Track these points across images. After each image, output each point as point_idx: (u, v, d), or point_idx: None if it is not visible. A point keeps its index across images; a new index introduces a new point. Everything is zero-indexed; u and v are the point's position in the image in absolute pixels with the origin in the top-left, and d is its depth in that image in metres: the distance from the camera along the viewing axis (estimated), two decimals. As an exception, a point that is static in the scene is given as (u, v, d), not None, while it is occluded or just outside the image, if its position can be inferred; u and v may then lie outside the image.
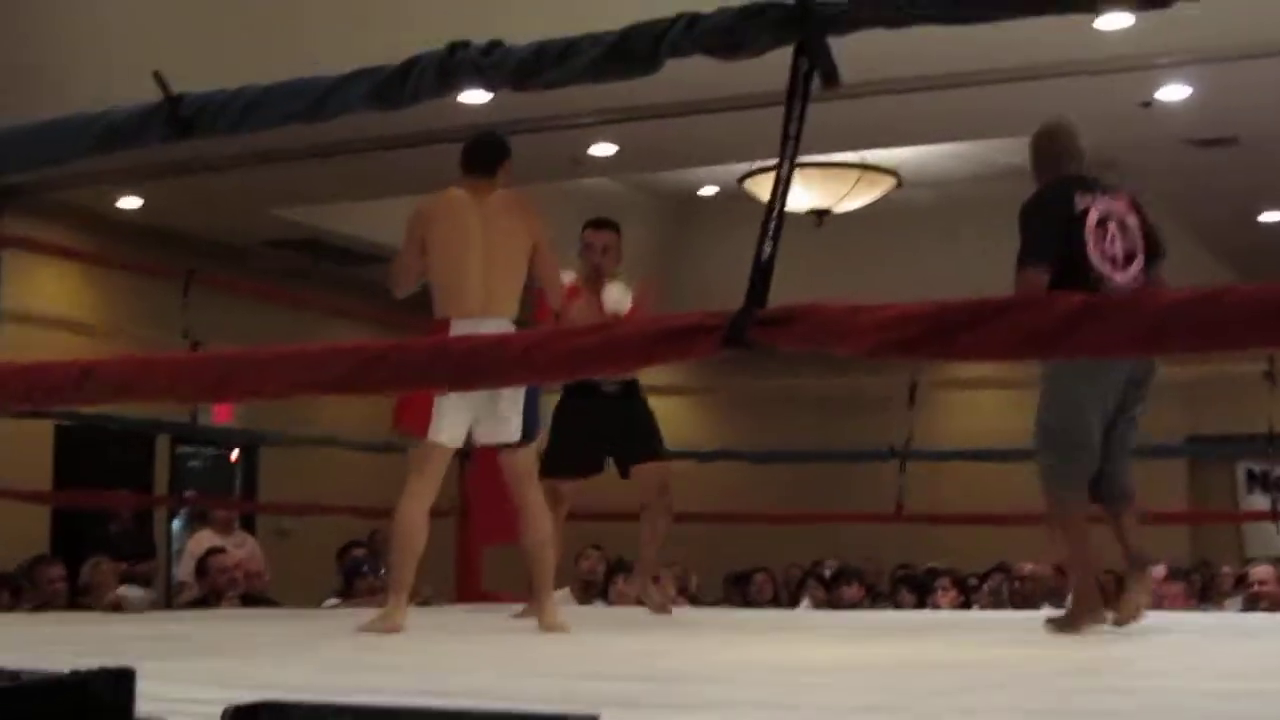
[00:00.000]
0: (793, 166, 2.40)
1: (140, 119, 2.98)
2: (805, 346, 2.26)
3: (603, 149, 11.74)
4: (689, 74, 9.18)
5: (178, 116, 2.92)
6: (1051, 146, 6.49)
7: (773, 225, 2.36)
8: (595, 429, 7.83)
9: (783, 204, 2.37)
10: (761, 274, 2.32)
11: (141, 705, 1.77)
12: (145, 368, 2.94)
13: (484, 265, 6.29)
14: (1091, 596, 6.13)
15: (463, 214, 6.45)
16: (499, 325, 6.05)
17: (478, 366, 2.50)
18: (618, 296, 7.64)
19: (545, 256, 6.43)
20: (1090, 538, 6.17)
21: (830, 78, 2.28)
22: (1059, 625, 6.05)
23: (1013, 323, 2.09)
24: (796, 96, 2.38)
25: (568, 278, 7.16)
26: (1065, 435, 6.08)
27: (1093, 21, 8.50)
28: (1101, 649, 5.47)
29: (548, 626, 6.18)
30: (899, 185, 14.05)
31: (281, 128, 3.25)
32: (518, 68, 2.76)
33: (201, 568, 9.98)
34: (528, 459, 6.41)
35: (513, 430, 6.21)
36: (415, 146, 10.91)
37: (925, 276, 13.60)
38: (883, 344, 2.19)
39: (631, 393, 7.99)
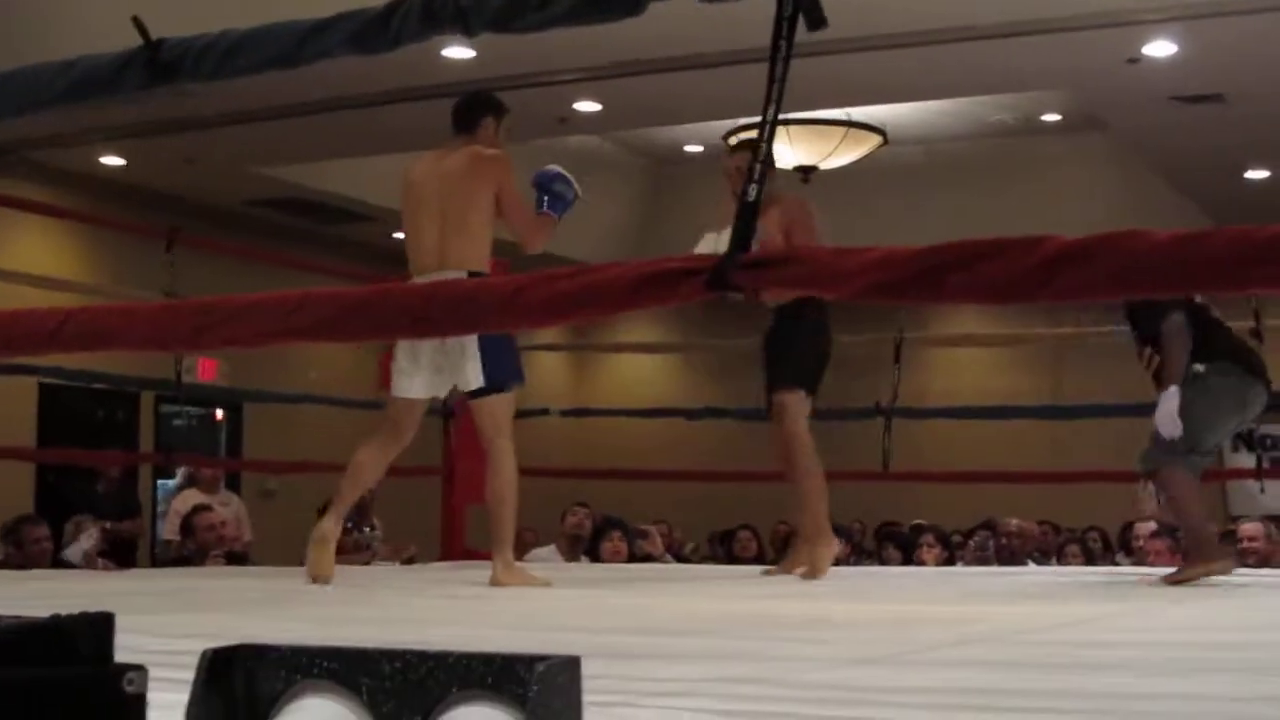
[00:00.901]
0: (778, 110, 2.37)
1: (119, 65, 2.95)
2: (791, 289, 2.24)
3: (587, 106, 11.71)
4: (674, 30, 9.19)
5: (157, 62, 2.88)
6: None
7: (758, 170, 2.33)
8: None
9: (769, 148, 2.34)
10: (746, 217, 2.30)
11: (121, 656, 1.75)
12: (122, 316, 2.92)
13: (438, 222, 6.40)
14: (1210, 547, 6.44)
15: (421, 174, 6.61)
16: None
17: (458, 313, 2.48)
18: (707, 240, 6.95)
19: (507, 202, 6.45)
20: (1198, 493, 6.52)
21: (815, 20, 2.25)
22: (1180, 578, 6.28)
23: (999, 265, 2.08)
24: (781, 39, 2.35)
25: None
26: (1193, 448, 6.38)
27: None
28: (1083, 605, 5.47)
29: (494, 582, 6.11)
30: (885, 142, 14.01)
31: (266, 86, 3.23)
32: (499, 11, 2.72)
33: (186, 525, 9.95)
34: (492, 409, 6.31)
35: (469, 379, 6.18)
36: (399, 103, 10.86)
37: (912, 234, 13.47)
38: (870, 287, 2.17)
39: (782, 316, 7.10)
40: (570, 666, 1.59)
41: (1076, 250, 2.02)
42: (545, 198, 6.59)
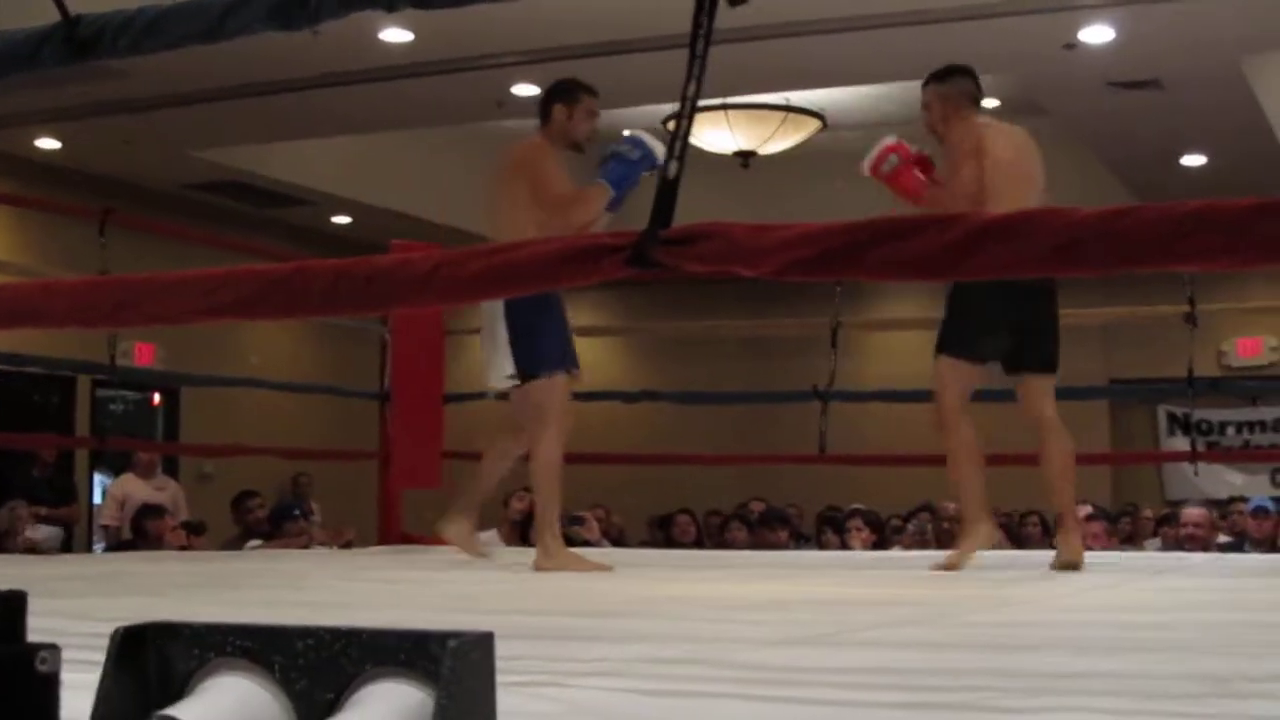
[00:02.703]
0: (699, 85, 2.35)
1: (35, 41, 2.91)
2: (711, 267, 2.23)
3: (525, 90, 11.66)
4: (613, 13, 9.15)
5: (74, 38, 2.85)
6: None
7: (678, 145, 2.32)
8: None
9: (689, 123, 2.33)
10: (666, 194, 2.29)
11: (39, 638, 1.73)
12: (43, 292, 2.89)
13: (486, 221, 6.43)
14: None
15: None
16: None
17: (379, 290, 2.45)
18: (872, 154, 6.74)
19: (534, 185, 6.29)
20: None
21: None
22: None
23: (919, 241, 2.07)
24: (704, 11, 2.33)
25: None
26: None
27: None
28: (1019, 587, 5.49)
29: (536, 566, 6.10)
30: (824, 127, 14.01)
31: (203, 68, 3.19)
32: (423, -17, 2.70)
33: (139, 528, 9.97)
34: (531, 397, 6.24)
35: (497, 374, 6.15)
36: (336, 86, 10.82)
37: (852, 218, 13.58)
38: (790, 263, 2.17)
39: None
40: (483, 643, 1.58)
41: (997, 226, 2.01)
42: (605, 165, 6.39)
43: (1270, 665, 2.76)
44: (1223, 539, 11.31)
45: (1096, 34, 10.19)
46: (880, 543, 11.07)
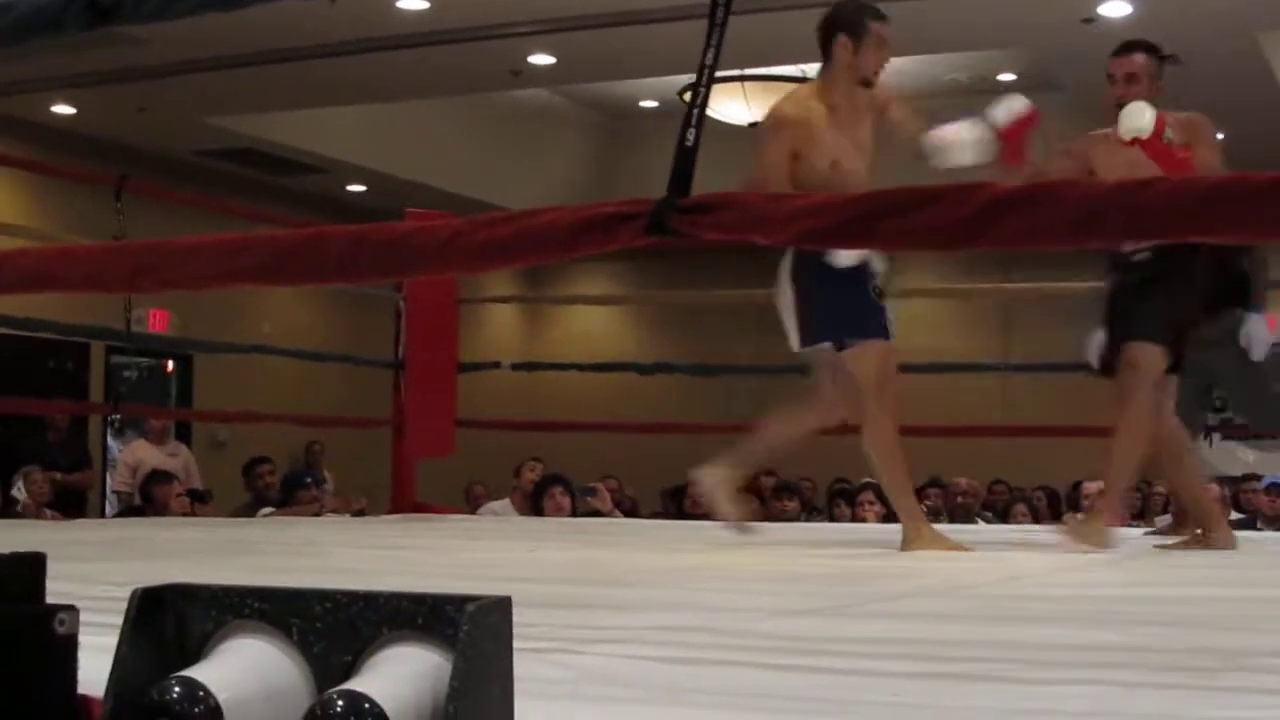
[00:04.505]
0: (719, 53, 2.35)
1: (57, 7, 2.91)
2: (729, 235, 2.23)
3: (541, 59, 11.66)
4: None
5: (97, 4, 2.84)
6: None
7: (695, 113, 2.32)
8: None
9: (708, 91, 2.33)
10: (684, 162, 2.29)
11: (56, 600, 1.74)
12: (61, 257, 2.89)
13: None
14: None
15: None
16: None
17: (398, 257, 2.46)
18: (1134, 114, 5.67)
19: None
20: None
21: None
22: None
23: (934, 212, 2.07)
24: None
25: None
26: None
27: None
28: (1030, 560, 5.50)
29: (904, 545, 5.51)
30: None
31: (218, 35, 3.18)
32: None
33: (146, 494, 10.00)
34: (854, 365, 5.51)
35: (794, 341, 5.54)
36: (351, 55, 10.81)
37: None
38: (806, 231, 2.17)
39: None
40: (501, 607, 1.59)
41: (1015, 197, 2.01)
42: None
43: (1276, 640, 2.77)
44: (1235, 516, 11.30)
45: (1115, 8, 10.17)
46: (892, 516, 11.07)
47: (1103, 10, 10.19)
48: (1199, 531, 6.07)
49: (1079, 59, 11.37)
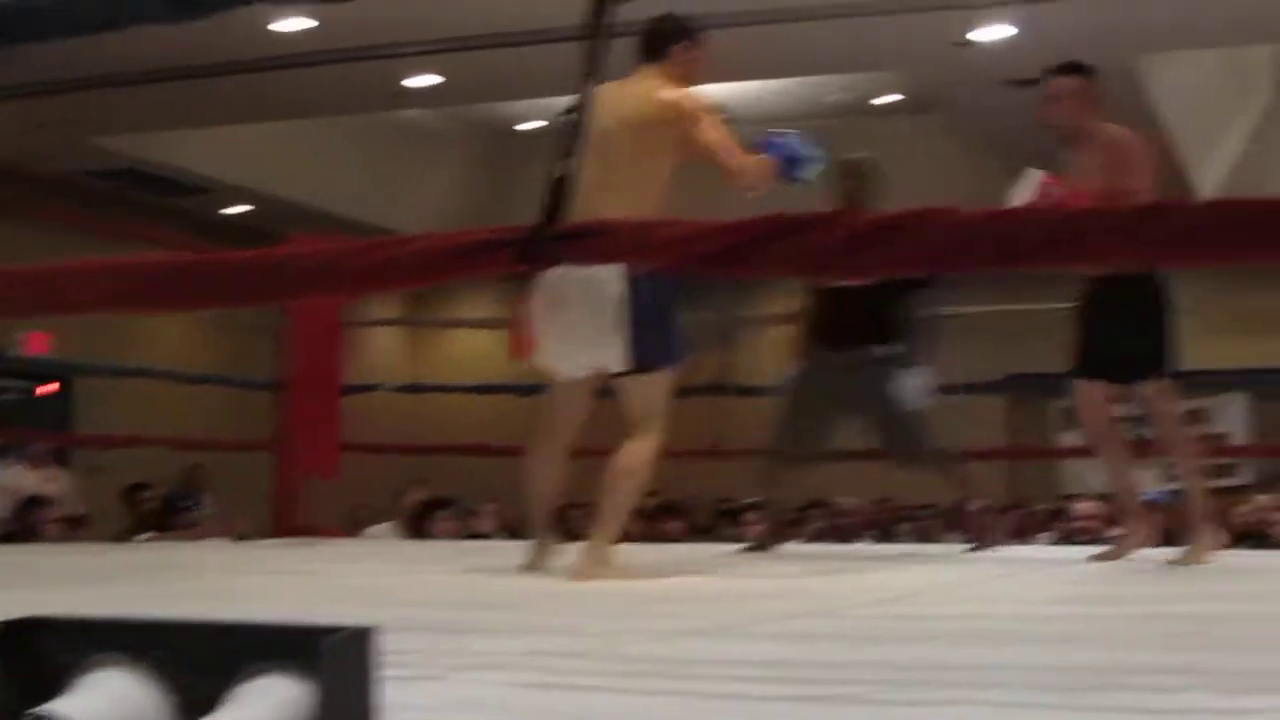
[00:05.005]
0: (595, 81, 2.36)
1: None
2: (602, 262, 2.23)
3: (425, 80, 11.62)
4: (512, 6, 9.12)
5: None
6: None
7: (571, 142, 2.33)
8: None
9: (584, 119, 2.33)
10: (558, 190, 2.29)
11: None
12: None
13: (594, 169, 4.61)
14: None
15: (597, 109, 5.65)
16: None
17: (267, 284, 2.44)
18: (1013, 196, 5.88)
19: (702, 145, 5.40)
20: None
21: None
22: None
23: (810, 238, 2.08)
24: (600, 6, 2.34)
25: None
26: None
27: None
28: (914, 579, 5.53)
29: (575, 574, 5.11)
30: (725, 122, 14.02)
31: (103, 55, 3.15)
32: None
33: (23, 520, 9.88)
34: (646, 388, 5.31)
35: (613, 358, 5.19)
36: (235, 75, 10.74)
37: (750, 213, 13.61)
38: (681, 259, 2.17)
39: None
40: (363, 637, 1.58)
41: (889, 223, 2.03)
42: (772, 147, 5.53)
43: (1148, 657, 2.80)
44: (1115, 532, 11.42)
45: (993, 32, 10.27)
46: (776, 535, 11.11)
47: (981, 33, 10.30)
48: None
49: (958, 81, 11.51)
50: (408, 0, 7.79)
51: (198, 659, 1.59)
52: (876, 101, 14.78)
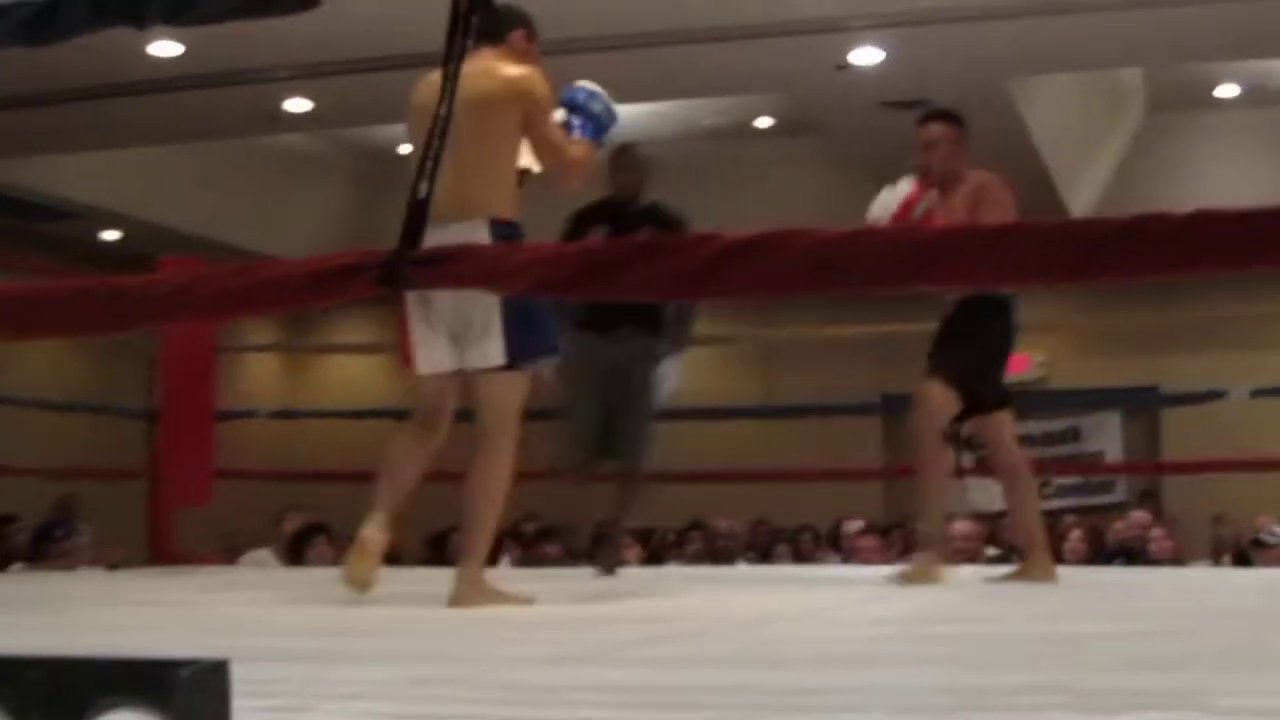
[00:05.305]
0: (451, 105, 2.35)
1: None
2: (463, 286, 2.22)
3: (299, 104, 11.55)
4: (384, 30, 9.09)
5: None
6: None
7: (429, 165, 2.31)
8: None
9: (441, 143, 2.32)
10: (417, 214, 2.28)
11: None
12: None
13: (454, 157, 4.65)
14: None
15: (430, 97, 5.27)
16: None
17: (124, 309, 2.41)
18: (882, 200, 6.43)
19: (540, 132, 5.24)
20: None
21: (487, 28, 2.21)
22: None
23: (669, 261, 2.08)
24: (457, 36, 2.33)
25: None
26: None
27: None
28: (786, 601, 5.55)
29: (455, 601, 5.01)
30: (600, 145, 14.04)
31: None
32: (171, 2, 2.64)
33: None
34: (502, 390, 5.15)
35: (490, 354, 4.99)
36: (106, 99, 10.63)
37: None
38: (540, 283, 2.17)
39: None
40: (218, 671, 1.56)
41: (750, 244, 2.03)
42: (577, 121, 5.42)
43: (1017, 678, 2.81)
44: (991, 552, 11.52)
45: (867, 55, 10.35)
46: (653, 557, 11.15)
47: (854, 57, 10.37)
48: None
49: (834, 104, 11.59)
50: (281, 24, 7.68)
51: (49, 695, 1.56)
52: (753, 124, 14.86)
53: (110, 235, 15.50)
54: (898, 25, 9.74)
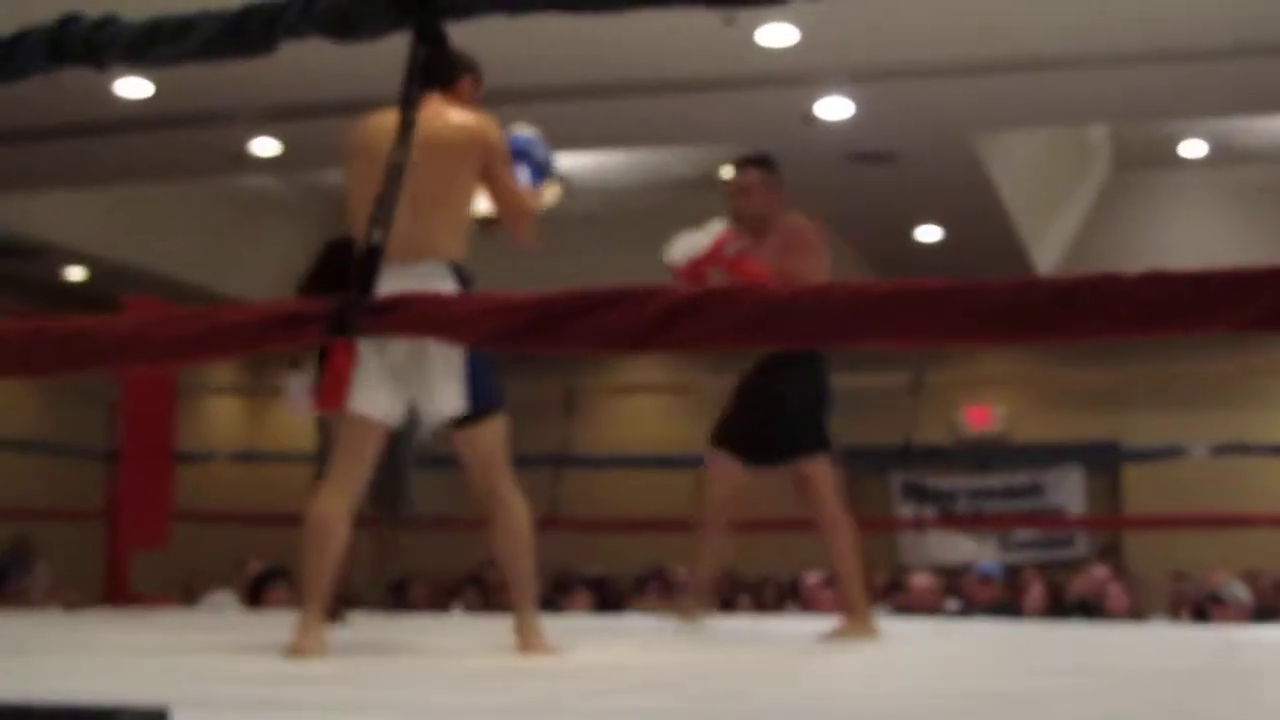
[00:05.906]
0: (408, 151, 2.35)
1: None
2: (413, 334, 2.22)
3: (265, 145, 11.53)
4: (351, 69, 9.10)
5: None
6: None
7: (383, 211, 2.31)
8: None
9: (395, 190, 2.32)
10: (369, 262, 2.27)
11: None
12: None
13: (409, 200, 4.05)
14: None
15: (382, 137, 4.83)
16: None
17: (75, 352, 2.40)
18: (684, 241, 6.31)
19: (503, 183, 5.23)
20: None
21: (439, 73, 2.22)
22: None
23: (617, 314, 2.08)
24: (414, 83, 2.33)
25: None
26: None
27: (754, 35, 8.68)
28: (743, 653, 5.54)
29: (527, 648, 5.12)
30: (567, 192, 14.06)
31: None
32: (131, 44, 2.63)
33: None
34: (488, 438, 5.13)
35: (451, 401, 4.92)
36: (69, 138, 10.61)
37: (593, 285, 13.64)
38: (490, 333, 2.17)
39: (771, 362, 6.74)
40: (158, 718, 1.55)
41: (694, 301, 2.03)
42: (527, 168, 5.46)
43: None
44: (952, 605, 11.55)
45: (835, 108, 10.37)
46: (613, 606, 11.13)
47: (823, 109, 10.39)
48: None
49: (800, 156, 11.60)
50: (248, 66, 7.68)
51: (-18, 741, 1.55)
52: (721, 174, 14.89)
53: (76, 274, 15.45)
54: (864, 80, 9.78)
